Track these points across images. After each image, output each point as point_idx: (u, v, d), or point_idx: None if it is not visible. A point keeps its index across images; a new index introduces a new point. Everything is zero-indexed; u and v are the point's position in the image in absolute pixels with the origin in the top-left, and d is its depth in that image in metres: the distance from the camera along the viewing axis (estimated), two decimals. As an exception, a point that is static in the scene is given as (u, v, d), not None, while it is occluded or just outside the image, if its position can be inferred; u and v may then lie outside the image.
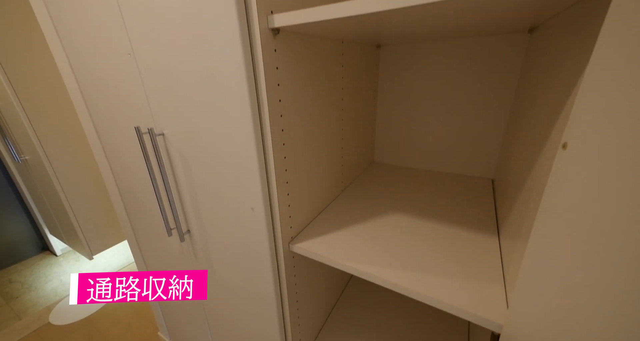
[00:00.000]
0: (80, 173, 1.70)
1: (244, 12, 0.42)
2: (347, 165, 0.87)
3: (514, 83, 0.78)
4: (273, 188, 0.54)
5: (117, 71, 0.63)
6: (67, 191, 1.66)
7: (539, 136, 0.42)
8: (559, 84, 0.37)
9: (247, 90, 0.45)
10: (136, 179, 0.80)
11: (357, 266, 0.52)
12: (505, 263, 0.48)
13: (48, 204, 1.84)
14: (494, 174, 0.90)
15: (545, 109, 0.42)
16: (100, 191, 1.81)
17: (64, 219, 1.77)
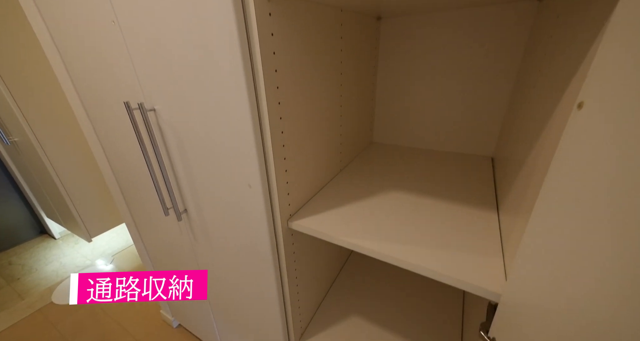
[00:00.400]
0: (72, 153, 1.67)
1: (235, -31, 0.38)
2: (346, 144, 0.85)
3: (519, 55, 0.75)
4: (270, 164, 0.52)
5: (102, 41, 0.59)
6: (60, 173, 1.62)
7: (548, 104, 0.40)
8: (574, 46, 0.34)
9: (240, 58, 0.42)
10: (129, 158, 0.78)
11: (356, 242, 0.52)
12: (505, 237, 0.48)
13: (42, 187, 1.82)
14: (494, 153, 0.89)
15: (557, 74, 0.40)
16: (95, 173, 1.78)
17: (60, 202, 1.75)
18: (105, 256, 1.82)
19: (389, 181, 0.76)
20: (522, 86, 0.67)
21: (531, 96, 0.55)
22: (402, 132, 1.04)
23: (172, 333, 1.26)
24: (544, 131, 0.40)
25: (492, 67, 0.80)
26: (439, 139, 0.98)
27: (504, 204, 0.57)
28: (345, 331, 0.79)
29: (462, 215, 0.59)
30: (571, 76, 0.33)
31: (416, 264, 0.45)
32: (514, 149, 0.60)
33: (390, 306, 0.86)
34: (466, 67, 0.84)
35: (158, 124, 0.62)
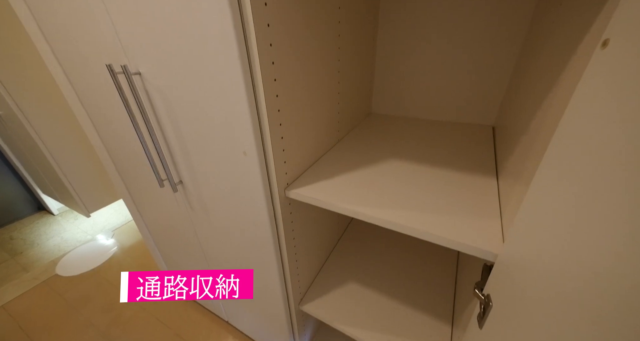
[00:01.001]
0: (61, 126, 1.61)
1: None
2: (344, 113, 0.82)
3: (528, 17, 0.70)
4: (265, 130, 0.50)
5: None
6: (50, 147, 1.58)
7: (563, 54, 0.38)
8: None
9: (229, 12, 0.38)
10: (118, 127, 0.75)
11: (354, 208, 0.51)
12: (503, 201, 0.48)
13: (34, 162, 1.79)
14: (496, 121, 0.87)
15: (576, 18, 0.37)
16: (88, 147, 1.74)
17: (54, 177, 1.73)
18: (106, 232, 1.84)
19: (387, 150, 0.75)
20: (529, 51, 0.64)
21: (541, 57, 0.52)
22: (401, 102, 1.01)
23: (176, 301, 1.31)
24: (554, 89, 0.38)
25: (498, 33, 0.76)
26: (440, 108, 0.95)
27: (504, 170, 0.56)
28: (343, 295, 0.82)
29: (461, 182, 0.58)
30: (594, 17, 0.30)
31: (414, 228, 0.45)
32: (517, 117, 0.58)
33: (386, 273, 0.88)
34: (470, 33, 0.79)
35: (145, 89, 0.59)
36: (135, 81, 0.58)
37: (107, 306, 1.30)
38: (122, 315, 1.26)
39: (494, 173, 0.61)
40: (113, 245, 1.71)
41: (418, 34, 0.86)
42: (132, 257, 1.60)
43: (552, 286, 0.24)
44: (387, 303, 0.79)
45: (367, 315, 0.76)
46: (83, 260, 1.59)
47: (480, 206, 0.50)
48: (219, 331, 1.16)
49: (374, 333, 0.71)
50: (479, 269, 0.45)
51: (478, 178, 0.59)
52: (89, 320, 1.24)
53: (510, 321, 0.30)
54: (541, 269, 0.26)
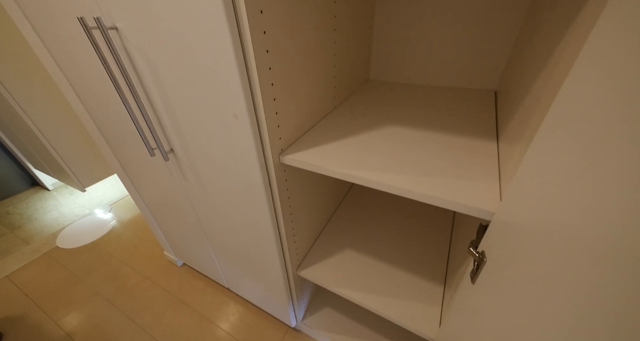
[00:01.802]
0: (48, 103, 1.54)
1: None
2: (340, 79, 0.78)
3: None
4: (256, 90, 0.47)
5: None
6: (39, 124, 1.52)
7: (566, 19, 0.35)
8: None
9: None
10: (102, 95, 0.70)
11: (351, 172, 0.50)
12: (503, 163, 0.47)
13: (23, 140, 1.73)
14: (498, 85, 0.84)
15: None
16: (78, 121, 1.68)
17: (44, 153, 1.69)
18: (103, 206, 1.84)
19: (385, 116, 0.72)
20: (536, 11, 0.59)
21: (546, 19, 0.48)
22: (401, 68, 0.96)
23: (178, 270, 1.35)
24: (559, 51, 0.35)
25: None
26: (441, 73, 0.91)
27: (505, 133, 0.54)
28: (340, 261, 0.84)
29: (460, 145, 0.56)
30: None
31: (411, 190, 0.44)
32: (520, 81, 0.55)
33: (383, 239, 0.90)
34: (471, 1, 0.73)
35: (125, 48, 0.54)
36: (112, 36, 0.53)
37: (110, 276, 1.34)
38: (125, 283, 1.30)
39: (495, 136, 0.59)
40: (111, 219, 1.72)
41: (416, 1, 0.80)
42: (132, 230, 1.61)
43: (547, 242, 0.24)
44: (383, 268, 0.81)
45: (363, 279, 0.78)
46: (82, 233, 1.60)
47: (479, 167, 0.49)
48: (220, 298, 1.21)
49: (369, 294, 0.74)
50: (474, 231, 0.45)
51: (478, 141, 0.58)
52: (94, 289, 1.28)
53: (503, 275, 0.31)
54: (536, 226, 0.26)
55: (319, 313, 1.06)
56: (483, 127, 0.63)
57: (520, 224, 0.30)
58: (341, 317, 1.04)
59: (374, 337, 0.98)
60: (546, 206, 0.25)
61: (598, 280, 0.17)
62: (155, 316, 1.15)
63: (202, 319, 1.14)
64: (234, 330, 1.09)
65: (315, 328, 1.02)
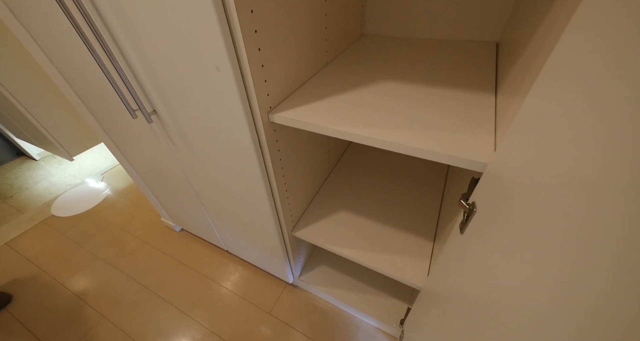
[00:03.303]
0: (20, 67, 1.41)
1: None
2: (333, 33, 0.72)
3: None
4: (238, 37, 0.42)
5: None
6: (13, 90, 1.41)
7: None
8: None
9: None
10: (75, 56, 0.64)
11: (344, 129, 0.48)
12: (499, 115, 0.45)
13: (2, 110, 1.63)
14: (500, 37, 0.79)
15: None
16: (54, 87, 1.57)
17: (25, 123, 1.61)
18: (94, 176, 1.82)
19: (381, 71, 0.68)
20: None
21: None
22: (398, 21, 0.89)
23: (176, 235, 1.38)
24: None
25: None
26: (441, 26, 0.85)
27: (503, 85, 0.52)
28: (335, 221, 0.86)
29: (458, 98, 0.54)
30: None
31: (403, 144, 0.43)
32: (522, 32, 0.51)
33: (376, 199, 0.92)
34: None
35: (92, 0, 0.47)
36: (69, -25, 0.46)
37: (109, 242, 1.37)
38: (125, 248, 1.33)
39: (493, 89, 0.57)
40: (104, 188, 1.70)
41: None
42: (127, 198, 1.61)
43: (538, 185, 0.23)
44: (376, 226, 0.83)
45: (357, 237, 0.81)
46: (77, 202, 1.60)
47: (475, 120, 0.47)
48: (220, 259, 1.26)
49: (362, 251, 0.77)
50: (466, 185, 0.45)
51: (476, 94, 0.55)
52: (94, 253, 1.31)
53: (492, 222, 0.31)
54: (528, 171, 0.25)
55: (315, 269, 1.12)
56: (482, 80, 0.60)
57: (512, 172, 0.29)
58: (336, 273, 1.10)
59: (367, 289, 1.05)
60: (539, 150, 0.24)
61: (588, 218, 0.17)
62: (158, 277, 1.20)
63: (203, 278, 1.19)
64: (235, 287, 1.15)
65: (312, 283, 1.08)
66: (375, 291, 1.04)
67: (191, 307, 1.10)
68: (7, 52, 1.37)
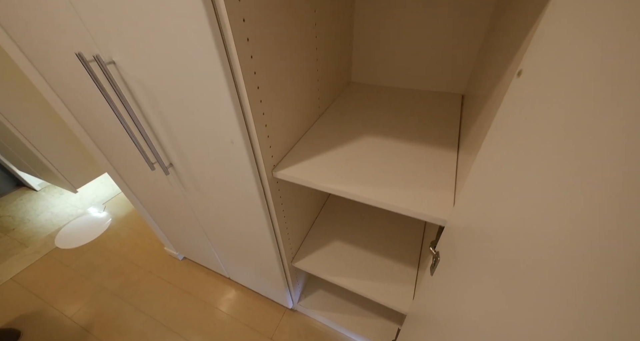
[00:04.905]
0: (31, 106, 1.50)
1: None
2: (324, 87, 0.84)
3: None
4: (250, 120, 0.54)
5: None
6: (16, 124, 1.49)
7: (505, 57, 0.43)
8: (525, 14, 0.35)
9: (205, 15, 0.39)
10: (99, 115, 0.74)
11: (333, 186, 0.59)
12: (460, 170, 0.57)
13: (5, 143, 1.70)
14: (465, 90, 0.93)
15: (513, 34, 0.41)
16: (64, 124, 1.66)
17: (29, 156, 1.67)
18: (97, 205, 1.87)
19: (364, 125, 0.80)
20: (493, 30, 0.66)
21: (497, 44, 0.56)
22: (379, 71, 1.03)
23: (179, 264, 1.44)
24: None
25: (468, 8, 0.76)
26: (415, 77, 0.98)
27: (465, 142, 0.64)
28: (328, 252, 0.95)
29: (426, 155, 0.66)
30: (519, 43, 0.35)
31: (382, 201, 0.54)
32: (480, 87, 0.63)
33: (366, 230, 1.02)
34: (443, 6, 0.79)
35: (123, 79, 0.59)
36: (110, 70, 0.57)
37: (114, 272, 1.42)
38: (130, 278, 1.38)
39: (456, 145, 0.69)
40: (107, 217, 1.76)
41: (392, 10, 0.85)
42: (130, 227, 1.67)
43: (473, 246, 0.34)
44: (366, 255, 0.93)
45: (349, 266, 0.90)
46: (80, 233, 1.65)
47: (438, 178, 0.59)
48: (222, 286, 1.33)
49: (354, 279, 0.86)
50: (437, 227, 0.56)
51: (440, 151, 0.67)
52: (100, 284, 1.36)
53: (451, 271, 0.42)
54: (469, 231, 0.36)
55: (313, 294, 1.20)
56: (447, 135, 0.73)
57: (463, 227, 0.40)
58: (332, 297, 1.19)
59: (361, 312, 1.13)
60: (481, 207, 0.34)
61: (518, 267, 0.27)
62: (163, 306, 1.26)
63: (207, 306, 1.25)
64: (237, 314, 1.22)
65: (310, 308, 1.16)
66: (369, 314, 1.12)
67: (196, 335, 1.15)
68: (13, 86, 1.45)
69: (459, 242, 0.39)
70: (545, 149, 0.21)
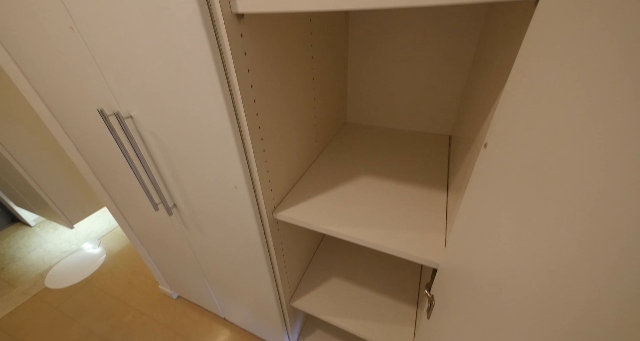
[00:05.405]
0: (31, 138, 1.56)
1: None
2: (321, 128, 0.91)
3: (473, 46, 0.82)
4: (253, 167, 0.58)
5: (61, 49, 0.57)
6: (20, 159, 1.53)
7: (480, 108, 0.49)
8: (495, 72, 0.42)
9: (217, 78, 0.46)
10: (108, 157, 0.79)
11: (331, 228, 0.62)
12: (450, 212, 0.61)
13: (4, 177, 1.72)
14: (452, 131, 1.00)
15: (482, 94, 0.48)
16: (64, 156, 1.70)
17: (28, 191, 1.69)
18: (91, 240, 1.85)
19: (359, 165, 0.85)
20: (472, 78, 0.75)
21: (475, 93, 0.63)
22: (373, 113, 1.11)
23: (174, 303, 1.39)
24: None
25: (450, 56, 0.87)
26: (405, 119, 1.07)
27: (453, 183, 0.68)
28: (326, 292, 0.95)
29: (418, 196, 0.70)
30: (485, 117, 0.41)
31: (377, 243, 0.57)
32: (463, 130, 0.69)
33: (364, 269, 1.02)
34: (427, 56, 0.90)
35: (137, 130, 0.64)
36: (127, 123, 0.63)
37: (105, 314, 1.36)
38: (121, 320, 1.33)
39: (445, 186, 0.74)
40: (101, 254, 1.73)
41: (383, 56, 0.95)
42: (124, 264, 1.64)
43: (465, 290, 0.36)
44: (364, 293, 0.93)
45: (347, 307, 0.89)
46: (72, 271, 1.61)
47: (429, 219, 0.62)
48: (217, 327, 1.28)
49: (353, 320, 0.85)
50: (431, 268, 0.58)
51: (431, 191, 0.72)
52: (89, 329, 1.30)
53: (444, 316, 0.43)
54: (460, 274, 0.38)
55: (312, 335, 1.16)
56: (436, 177, 0.78)
57: (451, 271, 0.42)
58: (332, 338, 1.14)
59: (362, 355, 1.08)
60: (467, 251, 0.36)
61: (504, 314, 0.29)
62: (154, 352, 1.19)
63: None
64: (232, 359, 1.15)
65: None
66: (371, 356, 1.07)
67: (188, 385, 1.08)
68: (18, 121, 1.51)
69: (449, 286, 0.42)
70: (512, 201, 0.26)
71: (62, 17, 0.52)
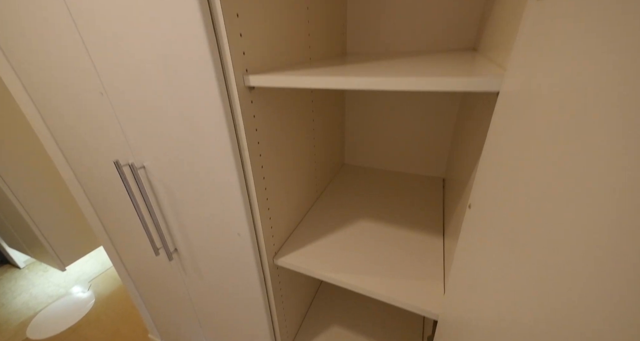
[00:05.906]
0: (35, 177, 1.59)
1: (222, 74, 0.46)
2: (321, 173, 0.96)
3: (456, 106, 0.91)
4: (257, 215, 0.61)
5: (89, 109, 0.64)
6: (20, 197, 1.55)
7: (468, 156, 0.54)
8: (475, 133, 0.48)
9: (228, 138, 0.51)
10: (114, 201, 0.82)
11: (330, 275, 0.63)
12: (447, 258, 0.62)
13: (1, 216, 1.72)
14: (445, 174, 1.05)
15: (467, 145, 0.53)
16: (63, 196, 1.72)
17: (24, 230, 1.67)
18: (81, 283, 1.78)
19: (357, 209, 0.88)
20: (457, 131, 0.82)
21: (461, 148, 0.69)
22: (370, 156, 1.17)
23: (162, 355, 1.30)
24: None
25: (437, 112, 0.96)
26: (400, 161, 1.12)
27: (448, 228, 0.71)
28: (328, 338, 0.90)
29: (415, 241, 0.72)
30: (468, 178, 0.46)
31: (377, 293, 0.57)
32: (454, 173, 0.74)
33: (362, 316, 0.99)
34: (417, 107, 0.99)
35: (148, 179, 0.68)
36: (139, 173, 0.67)
37: (87, 369, 1.26)
38: (104, 376, 1.22)
39: (441, 231, 0.76)
40: (90, 298, 1.65)
41: (378, 108, 1.04)
42: (112, 310, 1.56)
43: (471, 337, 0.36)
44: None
45: (350, 357, 0.85)
46: (57, 319, 1.52)
47: (427, 267, 0.64)
48: (208, 383, 1.17)
49: (356, 374, 0.80)
50: (431, 320, 0.58)
51: (426, 236, 0.74)
52: (68, 386, 1.19)
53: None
54: (460, 325, 0.39)
55: (311, 393, 1.07)
56: (432, 221, 0.81)
57: (451, 323, 0.43)
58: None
59: None
60: (465, 306, 0.37)
61: None
62: None
63: None
64: None
65: None
66: None
67: None
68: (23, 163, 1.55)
69: (449, 339, 0.42)
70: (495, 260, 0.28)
71: (94, 83, 0.59)
